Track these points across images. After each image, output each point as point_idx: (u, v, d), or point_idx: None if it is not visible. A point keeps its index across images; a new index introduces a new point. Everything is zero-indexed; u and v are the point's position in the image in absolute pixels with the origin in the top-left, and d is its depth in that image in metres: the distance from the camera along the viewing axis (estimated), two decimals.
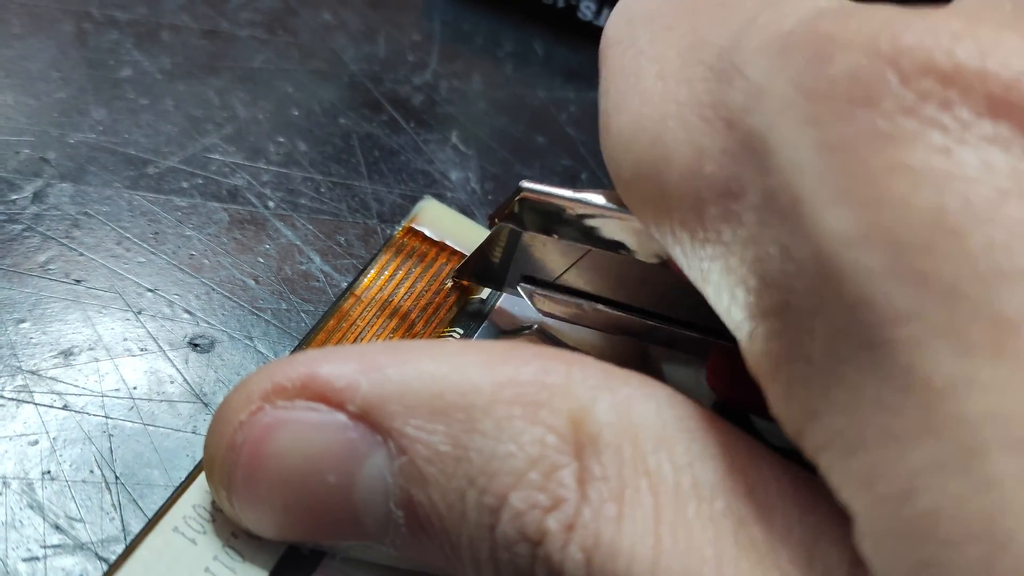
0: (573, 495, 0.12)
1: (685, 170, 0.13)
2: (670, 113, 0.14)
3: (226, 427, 0.15)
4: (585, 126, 0.28)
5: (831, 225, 0.11)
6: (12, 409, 0.18)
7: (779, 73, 0.12)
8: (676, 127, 0.13)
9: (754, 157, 0.12)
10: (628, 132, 0.14)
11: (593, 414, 0.13)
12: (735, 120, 0.12)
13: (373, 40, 0.29)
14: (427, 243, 0.23)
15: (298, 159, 0.24)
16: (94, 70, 0.25)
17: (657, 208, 0.14)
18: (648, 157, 0.14)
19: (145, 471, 0.18)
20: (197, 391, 0.19)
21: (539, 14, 0.31)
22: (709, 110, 0.13)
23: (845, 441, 0.11)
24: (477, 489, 0.13)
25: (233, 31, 0.27)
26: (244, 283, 0.21)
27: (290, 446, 0.14)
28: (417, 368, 0.14)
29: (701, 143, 0.13)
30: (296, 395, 0.14)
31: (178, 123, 0.24)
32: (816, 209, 0.11)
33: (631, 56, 0.15)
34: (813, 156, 0.11)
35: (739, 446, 0.13)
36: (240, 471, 0.15)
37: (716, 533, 0.12)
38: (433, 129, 0.27)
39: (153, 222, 0.22)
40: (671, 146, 0.13)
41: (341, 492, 0.14)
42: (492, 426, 0.13)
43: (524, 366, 0.14)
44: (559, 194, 0.18)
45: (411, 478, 0.13)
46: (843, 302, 0.11)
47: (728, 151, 0.12)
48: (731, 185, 0.12)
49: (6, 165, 0.22)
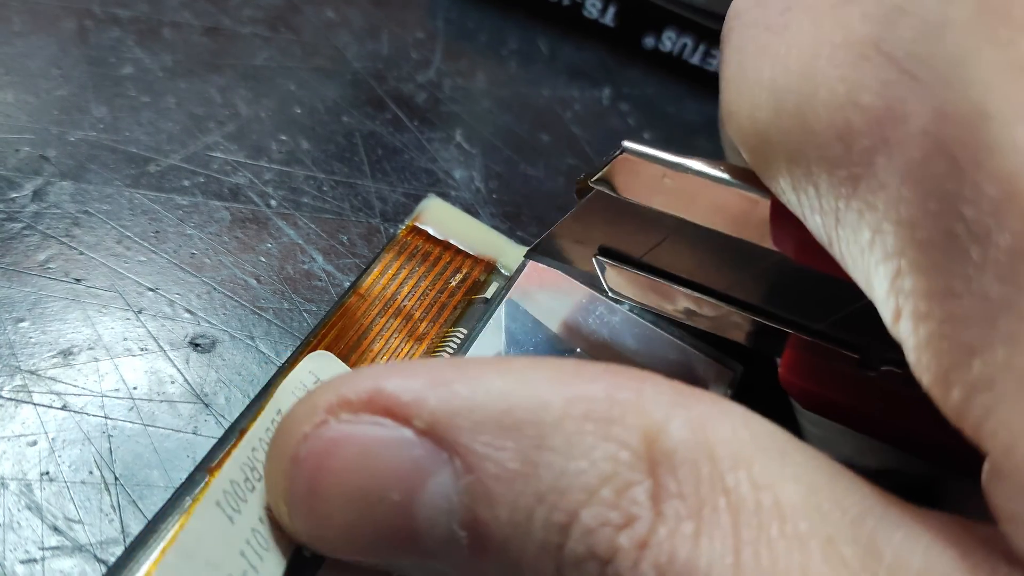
0: (647, 512, 0.12)
1: (835, 102, 0.12)
2: (822, 54, 0.13)
3: (290, 439, 0.14)
4: (589, 124, 0.28)
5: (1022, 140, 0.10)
6: (11, 409, 0.18)
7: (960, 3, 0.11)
8: (828, 65, 0.13)
9: (924, 84, 0.11)
10: (772, 74, 0.14)
11: (667, 431, 0.12)
12: (899, 54, 0.12)
13: (376, 38, 0.28)
14: (431, 242, 0.22)
15: (300, 157, 0.24)
16: (95, 68, 0.24)
17: (795, 148, 0.13)
18: (791, 95, 0.13)
19: (145, 472, 0.18)
20: (198, 391, 0.19)
21: (544, 12, 0.31)
22: (870, 48, 0.12)
23: (1016, 374, 0.10)
24: (546, 506, 0.12)
25: (235, 28, 0.27)
26: (246, 282, 0.21)
27: (354, 461, 0.14)
28: (485, 384, 0.13)
29: (856, 77, 0.12)
30: (362, 409, 0.14)
31: (180, 121, 0.24)
32: (1008, 126, 0.10)
33: (776, 13, 0.14)
34: (1003, 75, 0.11)
35: (821, 466, 0.12)
36: (302, 485, 0.14)
37: (802, 553, 0.11)
38: (437, 127, 0.26)
39: (154, 221, 0.22)
40: (820, 80, 0.13)
41: (404, 510, 0.13)
42: (563, 442, 0.13)
43: (594, 382, 0.13)
44: (661, 157, 0.17)
45: (477, 497, 0.13)
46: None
47: (889, 82, 0.12)
48: (892, 112, 0.12)
49: (6, 163, 0.22)
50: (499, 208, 0.25)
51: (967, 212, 0.11)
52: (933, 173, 0.11)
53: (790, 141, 0.13)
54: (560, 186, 0.26)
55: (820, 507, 0.12)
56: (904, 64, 0.12)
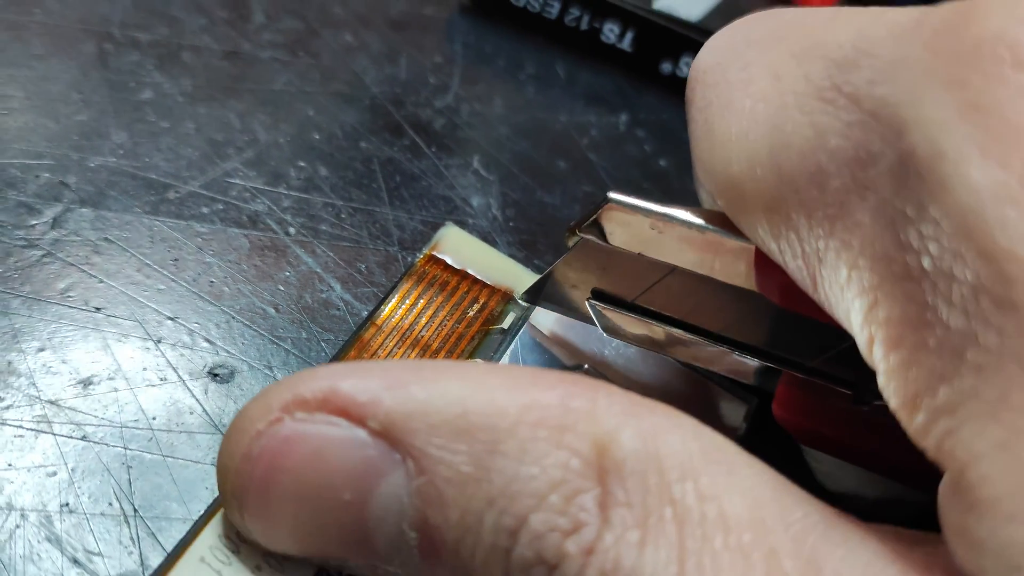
0: (594, 519, 0.12)
1: (806, 147, 0.13)
2: (788, 103, 0.14)
3: (243, 436, 0.15)
4: (606, 151, 0.28)
5: (977, 179, 0.11)
6: (31, 440, 0.18)
7: (914, 43, 0.12)
8: (795, 113, 0.13)
9: (886, 124, 0.12)
10: (739, 129, 0.14)
11: (618, 441, 0.13)
12: (862, 95, 0.12)
13: (395, 62, 0.29)
14: (448, 271, 0.22)
15: (319, 184, 0.24)
16: (115, 92, 0.25)
17: (771, 196, 0.14)
18: (763, 147, 0.14)
19: (164, 504, 0.18)
20: (216, 422, 0.19)
21: (562, 36, 0.31)
22: (831, 92, 0.13)
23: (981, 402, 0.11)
24: (496, 510, 0.13)
25: (254, 53, 0.27)
26: (264, 311, 0.21)
27: (307, 460, 0.14)
28: (442, 387, 0.14)
29: (823, 121, 0.13)
30: (317, 408, 0.14)
31: (199, 147, 0.24)
32: (961, 164, 0.11)
33: (737, 69, 0.15)
34: (957, 115, 0.11)
35: (768, 481, 0.13)
36: (255, 482, 0.14)
37: (745, 565, 0.12)
38: (455, 154, 0.26)
39: (173, 248, 0.22)
40: (789, 129, 0.13)
41: (355, 510, 0.14)
42: (515, 448, 0.13)
43: (549, 390, 0.13)
44: (647, 207, 0.17)
45: (429, 499, 0.13)
46: (988, 259, 0.10)
47: (855, 123, 0.12)
48: (860, 152, 0.12)
49: (26, 189, 0.22)
50: (516, 236, 0.25)
51: (932, 248, 0.11)
52: (901, 211, 0.12)
53: (766, 190, 0.14)
54: (576, 213, 0.26)
55: (764, 520, 0.12)
56: (865, 104, 0.12)
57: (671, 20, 0.30)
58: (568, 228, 0.19)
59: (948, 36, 0.12)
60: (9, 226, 0.21)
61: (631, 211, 0.18)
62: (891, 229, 0.12)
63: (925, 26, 0.12)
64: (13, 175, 0.22)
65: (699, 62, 0.17)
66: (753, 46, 0.15)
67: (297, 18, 0.29)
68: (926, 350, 0.11)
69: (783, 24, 0.15)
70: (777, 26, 0.15)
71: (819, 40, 0.14)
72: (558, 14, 0.31)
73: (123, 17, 0.27)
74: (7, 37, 0.25)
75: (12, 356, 0.19)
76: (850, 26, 0.14)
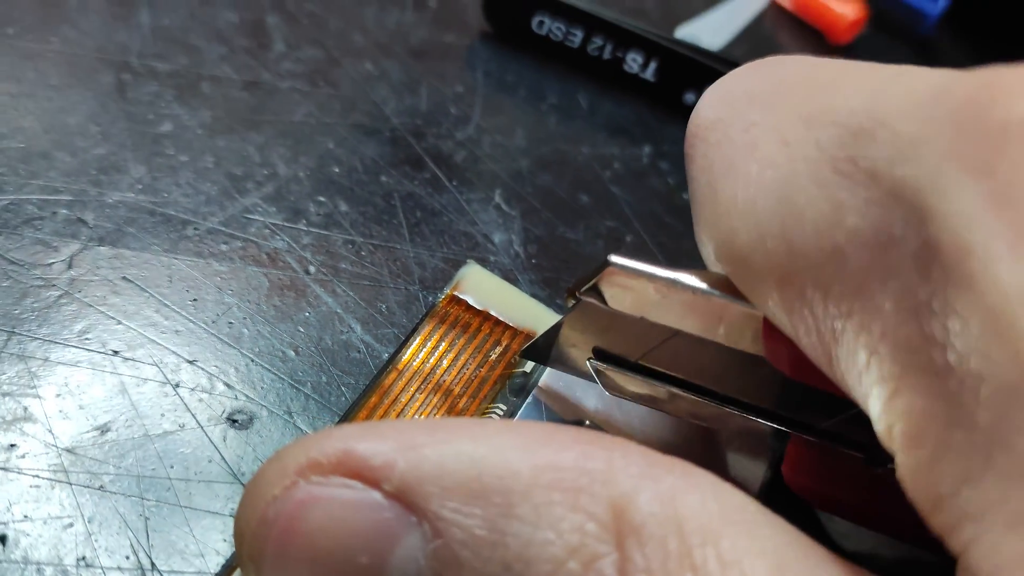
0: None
1: (822, 223, 0.12)
2: (799, 171, 0.13)
3: (259, 501, 0.14)
4: (629, 185, 0.28)
5: (1007, 281, 0.10)
6: (47, 490, 0.18)
7: (937, 120, 0.11)
8: (807, 184, 0.13)
9: (907, 208, 0.11)
10: (746, 197, 0.14)
11: (636, 503, 0.12)
12: (880, 172, 0.12)
13: (415, 92, 0.28)
14: (470, 312, 0.22)
15: (339, 220, 0.24)
16: (134, 124, 0.24)
17: (784, 270, 0.13)
18: (774, 217, 0.13)
19: (181, 558, 0.17)
20: (235, 470, 0.19)
21: (584, 65, 0.31)
22: (847, 164, 0.12)
23: (1008, 513, 0.10)
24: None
25: (274, 83, 0.27)
26: (284, 354, 0.21)
27: (323, 523, 0.14)
28: (455, 448, 0.13)
29: (839, 196, 0.12)
30: (331, 471, 0.14)
31: (218, 181, 0.24)
32: (989, 263, 0.10)
33: (740, 129, 0.14)
34: (984, 208, 0.11)
35: (791, 542, 0.12)
36: (271, 546, 0.14)
37: None
38: (476, 188, 0.26)
39: (192, 288, 0.21)
40: (802, 202, 0.13)
41: (373, 573, 0.13)
42: (530, 511, 0.13)
43: (564, 451, 0.13)
44: (648, 271, 0.17)
45: (445, 562, 0.13)
46: (1019, 365, 0.10)
47: (874, 201, 0.12)
48: (880, 236, 0.12)
49: (43, 227, 0.21)
50: (538, 274, 0.24)
51: (958, 345, 0.11)
52: (926, 302, 0.11)
53: (778, 264, 0.13)
54: (599, 249, 0.26)
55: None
56: (885, 183, 0.12)
57: (693, 49, 0.30)
58: (567, 289, 0.18)
59: (973, 115, 0.11)
60: (26, 265, 0.21)
61: (632, 275, 0.17)
62: (915, 319, 0.11)
63: (947, 100, 0.12)
64: (30, 211, 0.22)
65: (698, 116, 0.16)
66: (756, 103, 0.15)
67: (317, 47, 0.28)
68: (950, 449, 0.11)
69: (788, 79, 0.15)
70: (781, 81, 0.15)
71: (828, 103, 0.13)
72: (581, 43, 0.30)
73: (141, 46, 0.26)
74: (24, 66, 0.25)
75: (28, 402, 0.19)
76: (863, 88, 0.13)
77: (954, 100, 0.12)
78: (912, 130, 0.12)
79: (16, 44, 0.25)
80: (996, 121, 0.11)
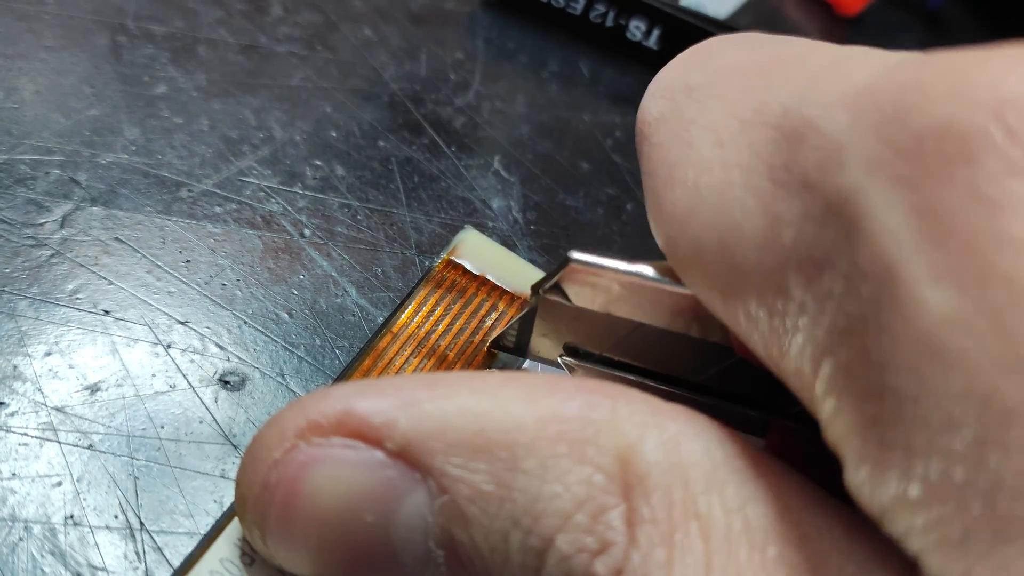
0: (622, 538, 0.12)
1: (760, 240, 0.12)
2: (734, 181, 0.12)
3: (260, 465, 0.14)
4: (631, 152, 0.27)
5: (932, 306, 0.10)
6: (36, 448, 0.17)
7: (861, 126, 0.11)
8: (743, 195, 0.12)
9: (840, 221, 0.11)
10: (685, 206, 0.13)
11: (641, 453, 0.12)
12: (813, 181, 0.11)
13: (415, 57, 0.28)
14: (467, 277, 0.22)
15: (335, 184, 0.24)
16: (128, 86, 0.24)
17: (727, 284, 0.13)
18: (712, 230, 0.13)
19: (171, 517, 0.17)
20: (226, 432, 0.18)
21: (586, 33, 0.30)
22: (781, 172, 0.12)
23: (944, 531, 0.10)
24: (521, 531, 0.12)
25: (271, 47, 0.26)
26: (277, 316, 0.21)
27: (326, 485, 0.14)
28: (457, 403, 0.13)
29: (776, 209, 0.12)
30: (332, 432, 0.14)
31: (213, 144, 0.23)
32: (915, 287, 0.10)
33: (678, 128, 0.14)
34: (908, 224, 0.10)
35: (792, 488, 0.12)
36: (275, 511, 0.14)
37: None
38: (475, 154, 0.26)
39: (185, 249, 0.21)
40: (739, 216, 0.12)
41: (379, 531, 0.13)
42: (536, 465, 0.12)
43: (568, 401, 0.13)
44: (610, 266, 0.16)
45: (452, 517, 0.13)
46: (950, 391, 0.10)
47: (809, 215, 0.11)
48: (816, 253, 0.11)
49: (35, 186, 0.21)
50: (537, 240, 0.24)
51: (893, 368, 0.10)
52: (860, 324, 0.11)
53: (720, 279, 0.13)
54: (599, 217, 0.25)
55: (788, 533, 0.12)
56: (818, 194, 0.11)
57: (699, 17, 0.29)
58: (531, 287, 0.18)
59: (897, 122, 0.11)
60: (18, 224, 0.20)
61: (595, 271, 0.17)
62: (855, 339, 0.11)
63: (873, 99, 0.11)
64: (23, 171, 0.21)
65: (642, 112, 0.15)
66: (694, 97, 0.14)
67: (315, 11, 0.28)
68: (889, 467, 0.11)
69: (726, 68, 0.14)
70: (718, 71, 0.14)
71: (762, 100, 0.13)
72: (583, 10, 0.30)
73: (137, 8, 0.26)
74: (18, 28, 0.25)
75: (18, 360, 0.18)
76: (797, 80, 0.12)
77: (879, 98, 0.11)
78: (839, 135, 0.11)
79: (11, 6, 0.25)
80: (916, 127, 0.10)
